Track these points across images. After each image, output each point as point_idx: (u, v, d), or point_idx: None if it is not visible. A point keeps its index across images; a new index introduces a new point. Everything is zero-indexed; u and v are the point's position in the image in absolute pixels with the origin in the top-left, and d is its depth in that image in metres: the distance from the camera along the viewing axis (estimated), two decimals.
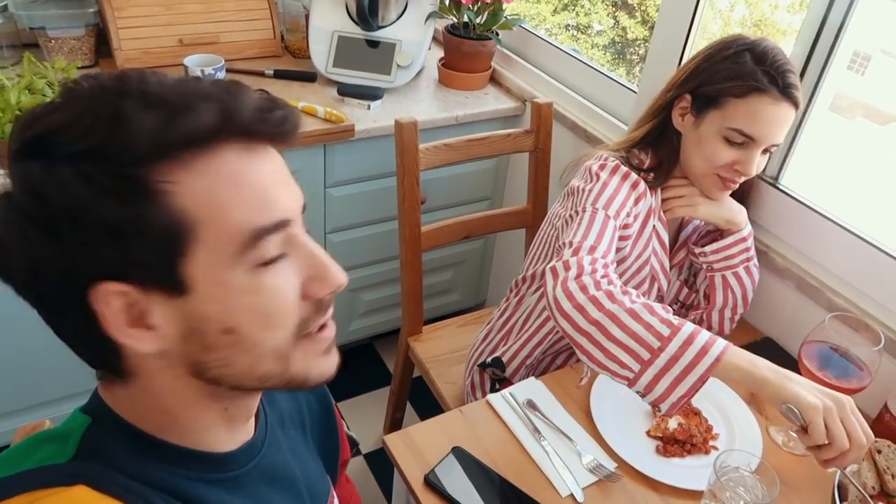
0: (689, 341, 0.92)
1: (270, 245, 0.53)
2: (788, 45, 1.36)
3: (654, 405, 0.95)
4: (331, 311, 0.59)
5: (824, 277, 1.31)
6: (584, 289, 0.98)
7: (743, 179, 1.17)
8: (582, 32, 3.06)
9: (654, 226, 1.22)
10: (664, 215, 1.23)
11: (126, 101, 0.49)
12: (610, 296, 0.97)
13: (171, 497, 0.57)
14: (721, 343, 0.93)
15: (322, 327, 0.59)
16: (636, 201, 1.18)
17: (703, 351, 0.91)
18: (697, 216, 1.23)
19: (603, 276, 1.01)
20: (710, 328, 1.33)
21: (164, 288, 0.51)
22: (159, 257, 0.50)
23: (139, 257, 0.50)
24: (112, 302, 0.51)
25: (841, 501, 0.94)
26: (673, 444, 1.11)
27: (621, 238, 1.17)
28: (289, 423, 0.75)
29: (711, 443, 1.13)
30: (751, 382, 0.92)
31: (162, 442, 0.58)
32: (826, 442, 0.87)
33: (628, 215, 1.17)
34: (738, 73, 1.10)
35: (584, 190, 1.16)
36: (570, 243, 1.08)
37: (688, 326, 0.94)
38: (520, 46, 2.03)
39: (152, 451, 0.58)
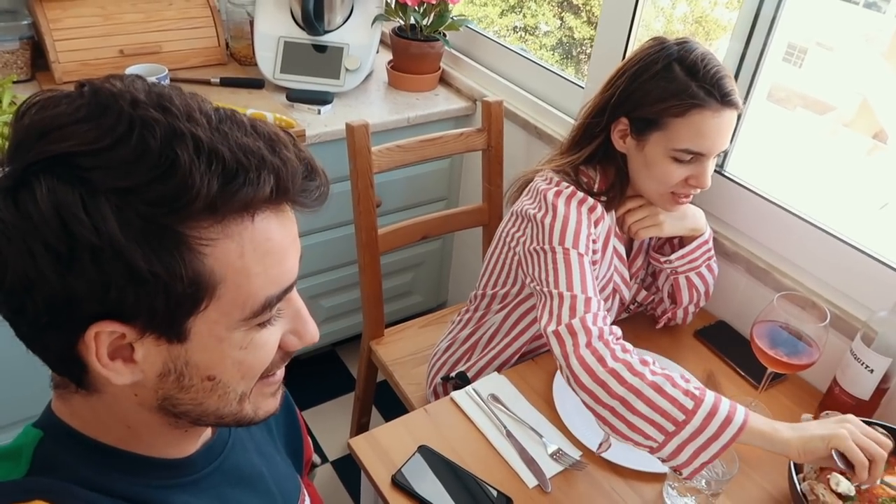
0: (712, 413, 0.92)
1: (275, 309, 0.55)
2: (726, 40, 1.40)
3: (677, 470, 0.95)
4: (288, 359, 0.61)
5: (771, 259, 1.35)
6: (601, 360, 0.98)
7: (699, 191, 1.15)
8: (529, 34, 3.10)
9: (612, 243, 1.22)
10: (635, 236, 1.23)
11: (179, 146, 0.46)
12: (630, 368, 0.96)
13: None
14: (742, 411, 0.93)
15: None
16: (596, 225, 1.15)
17: (728, 421, 0.92)
18: (664, 234, 1.22)
19: (616, 342, 1.01)
20: (673, 321, 1.36)
21: (163, 334, 0.50)
22: (173, 310, 0.49)
23: (153, 307, 0.48)
24: (102, 337, 0.49)
25: (797, 474, 0.97)
26: None
27: (593, 263, 1.15)
28: None
29: None
30: (773, 447, 0.93)
31: (118, 451, 0.57)
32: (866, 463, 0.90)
33: (594, 242, 1.14)
34: (672, 91, 1.06)
35: (544, 224, 1.12)
36: (560, 296, 1.06)
37: (709, 397, 0.94)
38: (468, 47, 2.05)
39: (109, 461, 0.57)
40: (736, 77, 1.37)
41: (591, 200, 1.14)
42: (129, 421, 0.57)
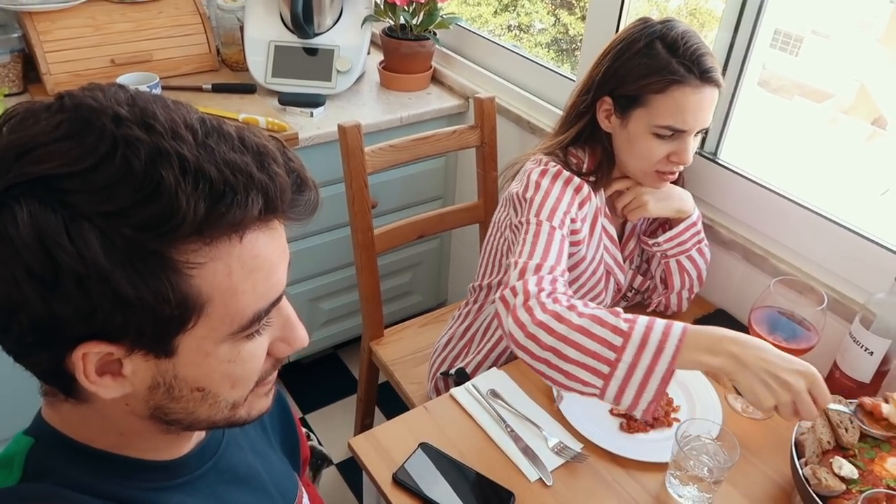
0: (643, 344, 0.90)
1: (262, 323, 0.55)
2: (714, 32, 1.40)
3: (629, 413, 0.95)
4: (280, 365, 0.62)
5: (768, 245, 1.34)
6: (532, 315, 0.96)
7: (681, 168, 1.17)
8: (524, 32, 3.10)
9: (602, 224, 1.23)
10: (626, 218, 1.24)
11: (164, 166, 0.45)
12: (557, 317, 0.95)
13: None
14: (675, 336, 0.90)
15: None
16: (581, 205, 1.16)
17: (659, 351, 0.89)
18: (650, 215, 1.23)
19: (549, 295, 0.99)
20: (668, 309, 1.36)
21: (151, 351, 0.50)
22: (161, 330, 0.49)
23: (140, 328, 0.48)
24: (90, 357, 0.49)
25: (799, 458, 0.97)
26: (636, 420, 1.13)
27: (573, 244, 1.16)
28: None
29: (673, 415, 1.15)
30: (711, 369, 0.91)
31: (110, 455, 0.57)
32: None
33: (574, 220, 1.15)
34: (653, 68, 1.07)
35: (526, 199, 1.13)
36: (516, 263, 1.06)
37: (639, 328, 0.91)
38: (459, 45, 2.05)
39: (101, 465, 0.57)
40: (725, 66, 1.37)
41: (577, 180, 1.16)
42: (120, 428, 0.57)
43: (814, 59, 1.72)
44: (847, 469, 0.95)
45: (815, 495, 0.90)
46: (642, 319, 0.93)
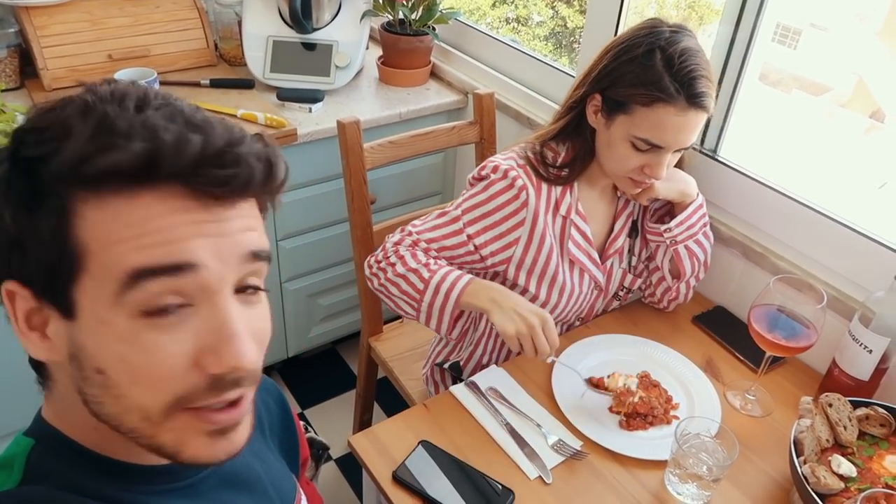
0: (436, 291, 1.14)
1: (154, 288, 0.48)
2: (719, 24, 1.39)
3: (438, 332, 1.19)
4: (236, 394, 0.53)
5: (767, 243, 1.34)
6: (369, 267, 1.24)
7: (653, 181, 1.17)
8: (522, 24, 3.09)
9: (573, 221, 1.23)
10: (636, 200, 1.25)
11: (83, 119, 0.48)
12: (384, 272, 1.20)
13: None
14: (460, 285, 1.13)
15: (217, 406, 0.53)
16: (516, 211, 1.18)
17: (447, 296, 1.14)
18: (658, 195, 1.22)
19: (395, 254, 1.19)
20: (675, 300, 1.36)
21: (56, 307, 0.51)
22: (51, 276, 0.50)
23: (35, 270, 0.50)
24: (17, 301, 0.52)
25: (798, 457, 0.97)
26: (635, 418, 1.13)
27: (507, 246, 1.20)
28: None
29: (672, 412, 1.15)
30: (478, 311, 1.14)
31: (108, 459, 0.57)
32: (519, 351, 1.10)
33: (496, 224, 1.19)
34: (644, 79, 1.06)
35: (468, 190, 1.23)
36: (410, 233, 1.21)
37: (436, 278, 1.14)
38: (458, 40, 2.04)
39: (100, 468, 0.56)
40: (726, 61, 1.37)
41: (521, 182, 1.18)
42: (91, 421, 0.54)
43: (812, 53, 1.72)
44: (846, 467, 0.96)
45: (813, 494, 0.90)
46: (442, 271, 1.15)
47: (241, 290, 0.54)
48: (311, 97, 1.77)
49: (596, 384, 1.16)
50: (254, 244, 0.53)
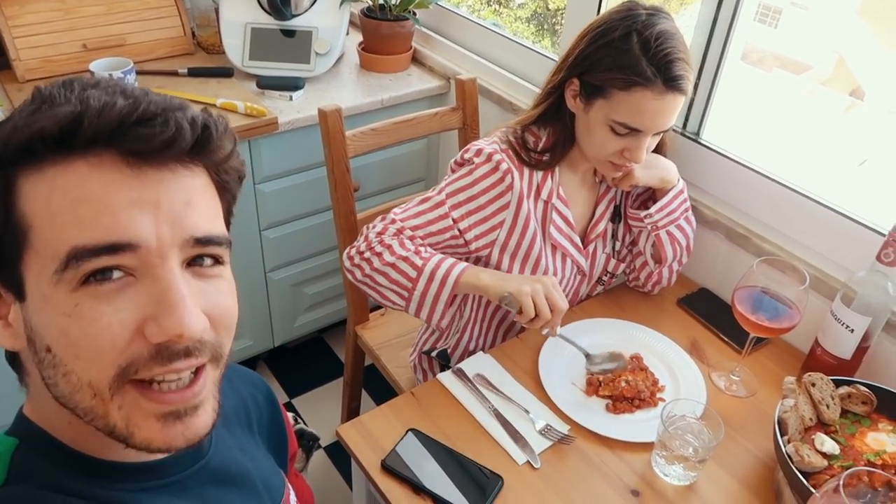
0: (430, 278, 1.12)
1: (94, 265, 0.48)
2: (698, 6, 1.39)
3: (427, 323, 1.18)
4: (184, 364, 0.51)
5: (751, 225, 1.35)
6: (350, 258, 1.19)
7: (633, 165, 1.17)
8: (503, 6, 3.06)
9: (554, 205, 1.23)
10: (616, 186, 1.25)
11: (32, 102, 0.50)
12: (370, 264, 1.16)
13: None
14: (456, 272, 1.12)
15: (167, 387, 0.51)
16: (501, 194, 1.18)
17: (443, 282, 1.12)
18: (638, 182, 1.22)
19: (381, 244, 1.16)
20: (658, 284, 1.36)
21: (9, 288, 0.52)
22: (1, 256, 0.51)
23: None
24: None
25: (782, 436, 0.98)
26: (622, 401, 1.14)
27: (491, 229, 1.20)
28: (233, 422, 0.74)
29: (658, 395, 1.16)
30: (479, 291, 1.13)
31: (90, 458, 0.56)
32: (535, 315, 1.08)
33: (481, 208, 1.19)
34: (621, 63, 1.06)
35: (451, 175, 1.22)
36: (393, 220, 1.19)
37: (430, 265, 1.12)
38: (439, 24, 2.02)
39: (84, 467, 0.56)
40: (709, 41, 1.36)
41: (505, 165, 1.18)
42: (65, 415, 0.54)
43: (793, 31, 1.72)
44: (829, 445, 0.97)
45: (797, 472, 0.91)
46: (436, 258, 1.14)
47: (194, 262, 0.53)
48: (292, 85, 1.75)
49: (590, 382, 1.18)
50: (200, 230, 0.52)
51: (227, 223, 0.59)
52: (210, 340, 0.53)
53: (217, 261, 0.54)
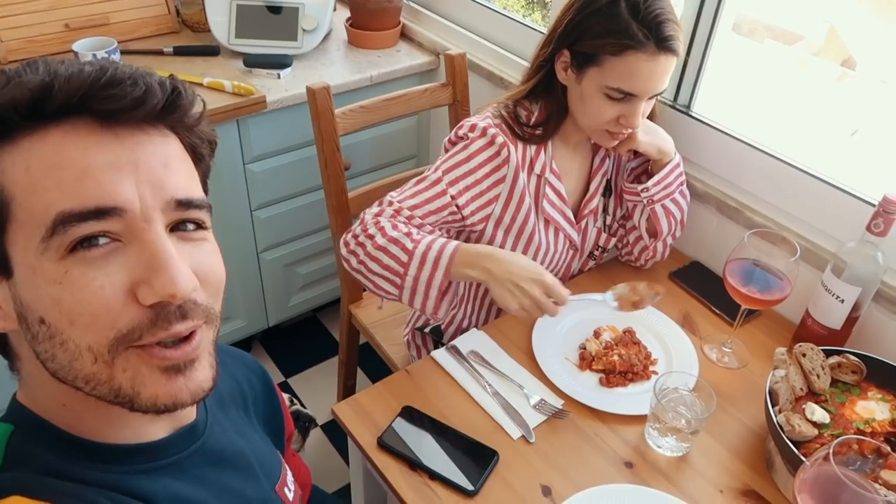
0: (422, 262, 1.08)
1: (80, 232, 0.48)
2: None
3: (423, 313, 1.12)
4: (184, 326, 0.52)
5: (742, 197, 1.35)
6: (346, 244, 1.15)
7: (630, 131, 1.17)
8: None
9: (547, 179, 1.23)
10: (616, 152, 1.25)
11: (4, 82, 0.50)
12: (365, 248, 1.11)
13: (117, 493, 0.55)
14: (446, 256, 1.07)
15: (164, 345, 0.52)
16: (497, 167, 1.18)
17: (435, 266, 1.08)
18: (638, 147, 1.22)
19: (375, 225, 1.12)
20: (652, 258, 1.37)
21: None
22: None
23: None
24: None
25: (773, 406, 0.99)
26: (615, 375, 1.15)
27: (487, 203, 1.20)
28: (229, 403, 0.74)
29: (651, 368, 1.17)
30: (474, 280, 1.09)
31: (87, 441, 0.56)
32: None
33: (477, 182, 1.18)
34: (611, 29, 1.06)
35: (446, 153, 1.21)
36: (390, 202, 1.16)
37: (420, 248, 1.08)
38: None
39: (80, 451, 0.56)
40: (699, 12, 1.35)
41: (500, 139, 1.17)
42: (59, 397, 0.55)
43: (784, 1, 1.70)
44: (819, 414, 0.98)
45: (788, 441, 0.93)
46: (426, 240, 1.09)
47: (178, 227, 0.54)
48: (279, 62, 1.73)
49: (582, 357, 1.18)
50: (181, 190, 0.53)
51: (205, 192, 0.59)
52: (202, 302, 0.54)
53: (200, 226, 0.55)
